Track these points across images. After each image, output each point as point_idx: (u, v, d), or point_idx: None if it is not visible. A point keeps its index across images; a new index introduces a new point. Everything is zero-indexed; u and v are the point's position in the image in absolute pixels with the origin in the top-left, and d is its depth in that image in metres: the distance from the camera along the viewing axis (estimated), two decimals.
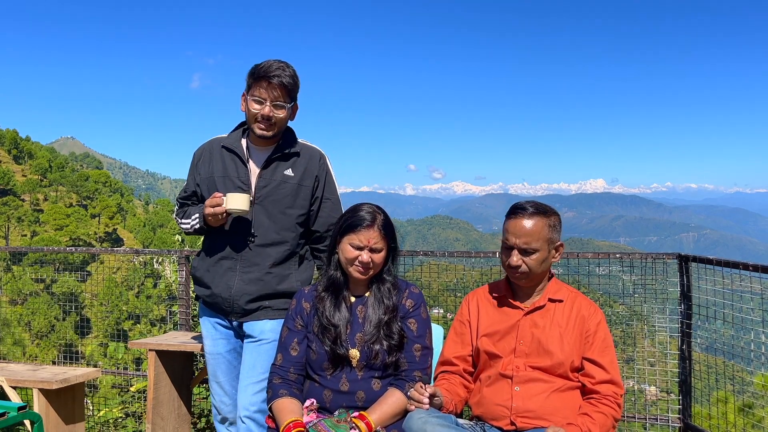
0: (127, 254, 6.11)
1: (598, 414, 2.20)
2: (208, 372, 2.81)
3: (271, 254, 2.63)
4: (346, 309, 2.36)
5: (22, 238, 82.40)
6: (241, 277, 2.62)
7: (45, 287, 41.09)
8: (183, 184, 2.93)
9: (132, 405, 5.24)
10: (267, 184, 2.63)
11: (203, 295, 2.73)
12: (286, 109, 2.55)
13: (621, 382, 2.28)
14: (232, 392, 2.74)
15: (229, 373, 2.75)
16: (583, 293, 2.46)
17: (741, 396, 4.13)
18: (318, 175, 2.70)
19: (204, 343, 2.83)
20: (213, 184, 2.67)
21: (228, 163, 2.67)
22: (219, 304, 2.67)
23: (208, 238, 2.75)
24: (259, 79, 2.50)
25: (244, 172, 2.64)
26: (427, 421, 2.01)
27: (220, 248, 2.66)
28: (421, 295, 2.44)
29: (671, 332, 3.91)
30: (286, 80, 2.50)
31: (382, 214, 2.36)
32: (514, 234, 2.29)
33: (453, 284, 5.11)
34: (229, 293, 2.62)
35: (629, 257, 4.00)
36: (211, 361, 2.78)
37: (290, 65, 2.56)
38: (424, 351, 2.37)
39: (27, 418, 2.94)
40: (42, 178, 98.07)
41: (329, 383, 2.30)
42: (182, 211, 2.83)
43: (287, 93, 2.53)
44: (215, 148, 2.73)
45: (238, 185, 2.62)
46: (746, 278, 3.40)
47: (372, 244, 2.29)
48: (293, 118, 2.68)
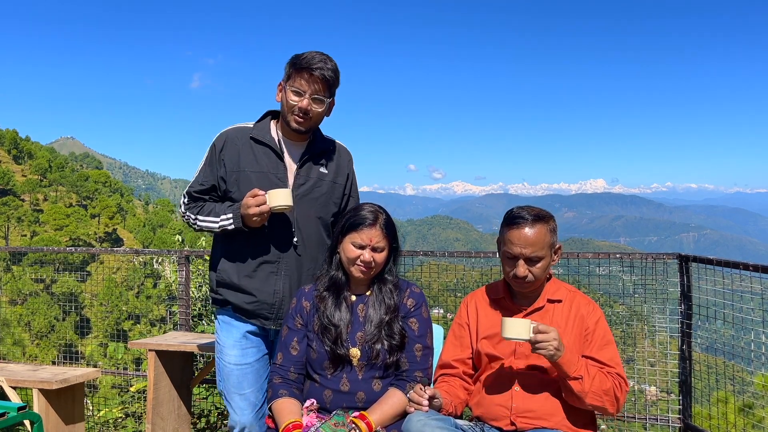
0: (127, 254, 6.10)
1: (600, 373, 2.20)
2: (228, 384, 2.56)
3: (313, 255, 2.53)
4: (347, 309, 2.35)
5: (22, 238, 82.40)
6: (286, 281, 2.49)
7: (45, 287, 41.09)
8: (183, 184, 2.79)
9: (132, 405, 5.24)
10: (305, 181, 2.51)
11: (242, 302, 2.51)
12: (324, 103, 2.44)
13: (624, 376, 2.28)
14: (258, 403, 2.56)
15: (256, 382, 2.56)
16: (582, 292, 2.46)
17: (741, 396, 4.13)
18: (349, 173, 2.64)
19: (225, 353, 2.57)
20: (246, 179, 2.47)
21: (260, 156, 2.49)
22: (262, 311, 2.51)
23: (238, 241, 2.50)
24: (300, 70, 2.37)
25: (282, 169, 2.49)
26: (426, 423, 2.00)
27: (259, 251, 2.48)
28: (422, 295, 2.44)
29: (671, 332, 3.91)
30: (328, 74, 2.38)
31: (384, 214, 2.36)
32: (518, 244, 2.26)
33: (453, 284, 5.11)
34: (275, 299, 2.49)
35: (629, 257, 4.00)
36: (236, 373, 2.54)
37: (332, 59, 2.43)
38: (425, 351, 2.36)
39: (27, 418, 2.94)
40: (42, 178, 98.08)
41: (329, 383, 2.29)
42: (198, 206, 2.58)
43: (327, 87, 2.42)
44: (242, 139, 2.52)
45: (275, 182, 2.46)
46: (746, 278, 3.40)
47: (374, 243, 2.28)
48: (329, 113, 2.54)
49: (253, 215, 2.34)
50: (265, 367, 2.60)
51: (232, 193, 2.51)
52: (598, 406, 2.21)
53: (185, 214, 2.60)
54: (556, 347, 2.11)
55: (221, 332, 2.61)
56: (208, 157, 2.56)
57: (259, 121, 2.59)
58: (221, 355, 2.59)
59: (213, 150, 2.55)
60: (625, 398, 2.28)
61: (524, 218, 2.27)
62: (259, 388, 2.57)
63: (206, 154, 2.58)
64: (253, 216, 2.35)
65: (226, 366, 2.56)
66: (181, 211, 2.64)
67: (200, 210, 2.55)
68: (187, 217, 2.59)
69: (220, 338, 2.61)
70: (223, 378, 2.58)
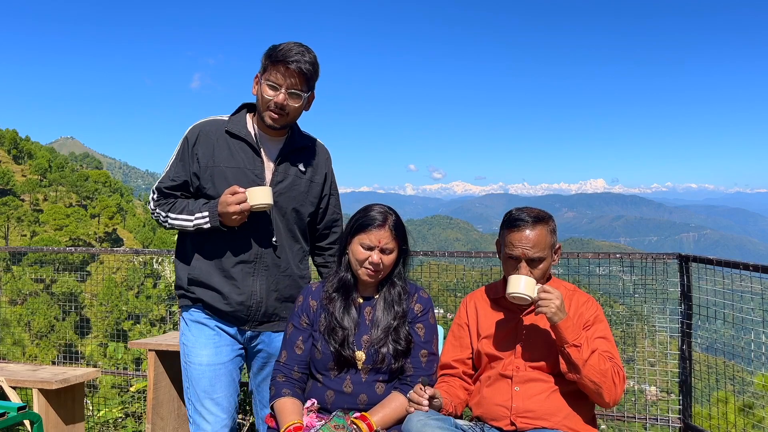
0: (126, 254, 6.10)
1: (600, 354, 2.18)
2: (199, 389, 2.38)
3: (290, 255, 2.45)
4: (355, 311, 2.33)
5: (22, 238, 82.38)
6: (263, 282, 2.39)
7: (45, 287, 41.09)
8: None
9: (132, 405, 5.24)
10: (283, 179, 2.40)
11: (217, 302, 2.38)
12: (302, 98, 2.32)
13: (622, 366, 2.27)
14: (231, 408, 2.41)
15: (230, 386, 2.41)
16: (581, 290, 2.46)
17: (741, 396, 4.13)
18: (327, 172, 2.56)
19: (195, 354, 2.40)
20: (221, 175, 2.35)
21: (236, 152, 2.37)
22: (238, 313, 2.39)
23: (213, 239, 2.38)
24: (276, 63, 2.25)
25: (259, 165, 2.38)
26: (427, 423, 2.00)
27: (236, 251, 2.37)
28: (430, 300, 2.42)
29: (671, 332, 3.91)
30: (306, 67, 2.25)
31: (394, 215, 2.31)
32: (520, 246, 2.26)
33: (453, 284, 5.10)
34: (252, 300, 2.39)
35: (629, 257, 4.00)
36: (208, 374, 2.37)
37: (311, 50, 2.30)
38: (431, 357, 2.36)
39: (27, 418, 2.94)
40: (42, 178, 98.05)
41: (333, 384, 2.28)
42: (168, 203, 2.42)
43: (305, 81, 2.29)
44: (216, 132, 2.39)
45: (252, 179, 2.35)
46: (746, 278, 3.40)
47: (383, 244, 2.24)
48: (308, 108, 2.42)
49: (233, 214, 2.23)
50: (237, 370, 2.46)
51: (206, 190, 2.38)
52: (594, 389, 2.17)
53: (154, 211, 2.45)
54: (558, 306, 2.14)
55: (189, 332, 2.44)
56: (180, 151, 2.42)
57: (234, 114, 2.46)
58: (189, 357, 2.41)
59: (185, 144, 2.41)
60: (623, 390, 2.27)
61: (524, 220, 2.27)
62: (232, 392, 2.42)
63: (177, 147, 2.43)
64: (233, 215, 2.24)
65: (196, 368, 2.39)
66: (150, 208, 2.48)
67: (171, 207, 2.41)
68: (157, 214, 2.44)
69: (188, 339, 2.44)
70: (192, 383, 2.39)
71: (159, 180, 2.46)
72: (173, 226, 2.40)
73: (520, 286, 2.18)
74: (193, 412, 2.41)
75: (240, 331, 2.45)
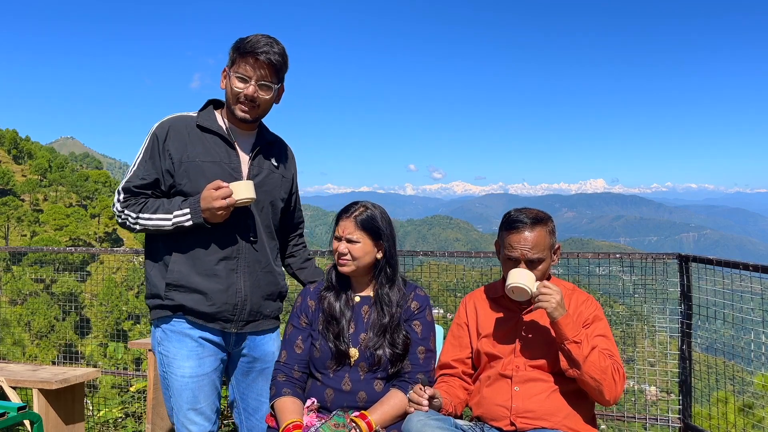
0: (126, 254, 6.10)
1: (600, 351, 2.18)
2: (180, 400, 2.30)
3: (267, 251, 2.42)
4: (349, 306, 2.37)
5: (22, 238, 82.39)
6: (246, 279, 2.34)
7: (45, 287, 41.09)
8: None
9: (132, 405, 5.24)
10: (258, 172, 2.37)
11: (200, 305, 2.28)
12: (272, 90, 2.28)
13: (621, 364, 2.27)
14: (214, 416, 2.36)
15: (212, 394, 2.35)
16: (581, 289, 2.46)
17: (741, 396, 4.13)
18: (293, 171, 2.56)
19: (177, 366, 2.30)
20: (198, 169, 2.27)
21: (210, 145, 2.31)
22: (224, 312, 2.31)
23: (191, 237, 2.27)
24: (244, 55, 2.21)
25: (235, 158, 2.33)
26: (426, 423, 2.00)
27: (216, 248, 2.29)
28: (427, 298, 2.44)
29: (671, 332, 3.91)
30: (275, 58, 2.22)
31: (366, 209, 2.34)
32: (519, 248, 2.26)
33: (453, 284, 5.11)
34: (237, 298, 2.32)
35: (629, 257, 4.01)
36: (190, 386, 2.29)
37: (279, 42, 2.26)
38: (428, 354, 2.37)
39: (27, 419, 2.94)
40: (42, 178, 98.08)
41: (331, 382, 2.30)
42: (139, 203, 2.29)
43: (275, 72, 2.26)
44: (187, 128, 2.32)
45: (229, 172, 2.29)
46: (746, 278, 3.40)
47: (346, 234, 2.30)
48: (278, 101, 2.38)
49: (219, 209, 2.17)
50: (219, 378, 2.41)
51: (181, 186, 2.28)
52: (594, 386, 2.17)
53: (122, 213, 2.30)
54: (558, 302, 2.14)
55: (169, 343, 2.32)
56: (149, 149, 2.31)
57: (202, 110, 2.41)
58: (170, 368, 2.31)
59: (155, 140, 2.30)
60: (623, 388, 2.27)
61: (523, 222, 2.28)
62: (215, 400, 2.37)
63: (145, 144, 2.33)
64: (219, 210, 2.17)
65: (178, 380, 2.30)
66: (115, 210, 2.33)
67: (143, 207, 2.28)
68: (125, 216, 2.29)
69: (168, 350, 2.32)
70: (175, 394, 2.31)
71: (125, 180, 2.33)
72: (146, 227, 2.28)
73: (521, 277, 2.20)
74: (176, 422, 2.36)
75: (225, 336, 2.37)
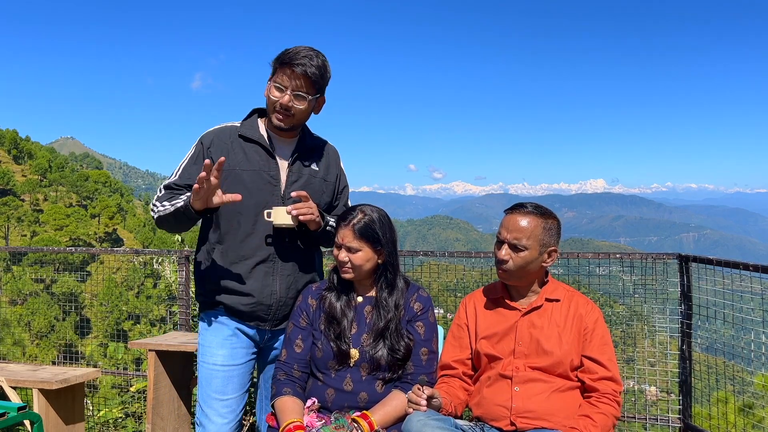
0: (127, 254, 6.10)
1: (599, 415, 2.20)
2: (209, 389, 2.42)
3: (304, 254, 2.51)
4: (352, 308, 2.37)
5: (22, 238, 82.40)
6: (282, 282, 2.44)
7: (45, 287, 41.11)
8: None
9: (132, 405, 5.24)
10: (297, 178, 2.46)
11: (238, 304, 2.42)
12: (307, 100, 2.35)
13: (620, 380, 2.29)
14: (239, 410, 2.46)
15: (242, 386, 2.46)
16: (581, 292, 2.47)
17: (741, 396, 4.13)
18: (338, 172, 2.61)
19: (211, 354, 2.44)
20: (237, 178, 2.38)
21: (251, 154, 2.42)
22: (259, 312, 2.44)
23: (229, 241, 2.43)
24: (283, 66, 2.31)
25: (274, 166, 2.43)
26: (426, 423, 2.00)
27: (253, 251, 2.41)
28: (430, 299, 2.44)
29: (671, 332, 3.91)
30: (311, 70, 2.29)
31: (365, 216, 2.32)
32: (506, 228, 2.30)
33: (453, 284, 5.11)
34: (272, 300, 2.43)
35: (629, 257, 4.00)
36: (220, 375, 2.41)
37: (321, 54, 2.35)
38: (431, 355, 2.37)
39: (27, 419, 2.94)
40: (42, 178, 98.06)
41: (333, 382, 2.30)
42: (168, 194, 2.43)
43: (311, 84, 2.33)
44: (231, 137, 2.45)
45: (267, 180, 2.41)
46: (746, 278, 3.40)
47: (345, 242, 2.30)
48: (318, 111, 2.48)
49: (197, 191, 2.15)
50: (249, 373, 2.51)
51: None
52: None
53: (155, 205, 2.43)
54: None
55: (207, 332, 2.48)
56: (194, 154, 2.45)
57: (246, 119, 2.52)
58: (205, 357, 2.46)
59: (200, 147, 2.45)
60: (622, 400, 2.28)
61: (524, 207, 2.31)
62: (243, 395, 2.46)
63: (191, 151, 2.47)
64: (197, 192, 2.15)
65: (210, 369, 2.42)
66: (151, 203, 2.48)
67: (168, 198, 2.40)
68: (152, 206, 2.43)
69: (206, 339, 2.48)
70: (205, 383, 2.43)
71: (169, 179, 2.47)
72: (160, 215, 2.38)
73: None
74: (200, 414, 2.44)
75: (260, 331, 2.49)
